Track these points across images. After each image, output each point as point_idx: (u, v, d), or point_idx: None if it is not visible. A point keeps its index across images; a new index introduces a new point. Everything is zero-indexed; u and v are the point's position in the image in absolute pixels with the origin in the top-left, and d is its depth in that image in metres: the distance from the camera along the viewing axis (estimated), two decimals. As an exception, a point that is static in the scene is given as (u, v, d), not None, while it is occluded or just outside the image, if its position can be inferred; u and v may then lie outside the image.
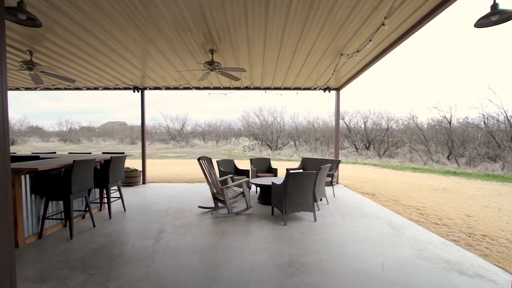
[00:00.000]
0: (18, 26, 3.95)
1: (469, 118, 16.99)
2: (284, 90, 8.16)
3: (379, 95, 41.03)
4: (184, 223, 4.37)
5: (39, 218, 3.76)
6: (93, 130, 41.14)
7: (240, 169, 6.95)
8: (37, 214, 3.75)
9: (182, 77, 7.07)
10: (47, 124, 42.32)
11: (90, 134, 39.01)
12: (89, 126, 41.42)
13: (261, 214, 4.92)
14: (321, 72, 6.52)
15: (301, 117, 35.51)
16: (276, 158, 20.10)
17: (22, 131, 35.97)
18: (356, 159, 19.58)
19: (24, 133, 36.04)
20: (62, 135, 37.22)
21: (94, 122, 45.04)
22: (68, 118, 51.32)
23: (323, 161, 6.86)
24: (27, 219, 3.58)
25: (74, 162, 3.64)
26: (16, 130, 34.78)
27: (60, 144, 34.76)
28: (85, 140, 37.53)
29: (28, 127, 37.66)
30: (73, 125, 39.05)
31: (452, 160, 16.24)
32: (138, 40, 4.58)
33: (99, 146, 33.56)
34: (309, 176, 4.32)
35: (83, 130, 39.73)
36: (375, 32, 4.08)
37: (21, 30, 4.19)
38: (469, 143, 16.19)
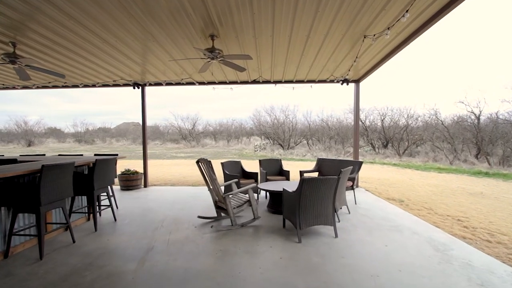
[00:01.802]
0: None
1: (501, 113, 15.52)
2: (297, 83, 7.35)
3: (398, 90, 39.01)
4: (179, 238, 3.68)
5: (5, 234, 3.16)
6: (109, 131, 41.60)
7: (247, 172, 6.22)
8: (3, 229, 3.15)
9: (183, 71, 6.42)
10: (65, 126, 43.14)
11: (105, 134, 39.41)
12: (104, 127, 41.91)
13: (270, 226, 4.17)
14: (339, 61, 5.68)
15: (314, 114, 34.34)
16: (288, 157, 19.26)
17: (40, 132, 36.75)
18: (373, 158, 18.45)
19: (42, 134, 36.85)
20: (78, 136, 37.76)
21: (110, 123, 45.66)
22: (84, 119, 52.34)
23: (342, 163, 6.02)
24: (-12, 236, 2.99)
25: (42, 167, 3.02)
26: (35, 131, 35.65)
27: (75, 144, 35.25)
28: (99, 140, 37.92)
29: (47, 128, 38.49)
30: (88, 126, 39.57)
31: (482, 159, 14.87)
32: (129, 27, 4.00)
33: (112, 146, 33.77)
34: (328, 183, 3.53)
35: (99, 131, 40.23)
36: (412, 2, 3.24)
37: (3, 20, 3.71)
38: (500, 141, 14.76)
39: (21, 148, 30.63)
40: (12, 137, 34.57)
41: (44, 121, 38.26)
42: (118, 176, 7.34)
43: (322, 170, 6.38)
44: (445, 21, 3.90)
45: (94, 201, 4.00)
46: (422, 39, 4.96)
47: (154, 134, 35.94)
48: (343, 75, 6.61)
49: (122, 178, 7.26)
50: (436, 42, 41.65)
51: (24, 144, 33.48)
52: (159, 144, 33.26)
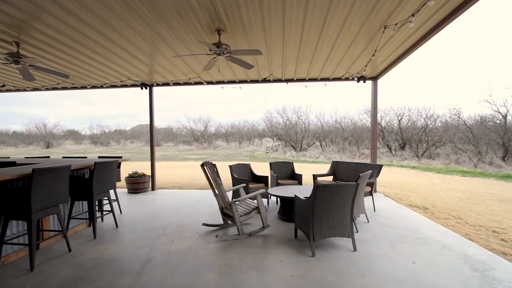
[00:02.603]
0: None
1: (530, 113, 14.45)
2: (310, 81, 6.95)
3: (415, 89, 37.39)
4: (180, 249, 3.38)
5: (-3, 243, 2.97)
6: (124, 133, 42.40)
7: (257, 176, 5.88)
8: (-6, 237, 2.96)
9: (191, 70, 6.17)
10: (82, 128, 44.28)
11: (120, 136, 40.16)
12: (119, 129, 42.77)
13: (281, 236, 3.80)
14: (355, 56, 5.26)
15: (327, 115, 33.60)
16: (301, 159, 18.77)
17: (58, 134, 37.88)
18: (390, 160, 17.68)
19: (61, 136, 37.98)
20: (94, 138, 38.64)
21: (125, 125, 46.51)
22: (100, 122, 53.70)
23: (359, 166, 5.57)
24: (-23, 244, 2.79)
25: (33, 172, 2.80)
26: (54, 133, 36.83)
27: (90, 146, 36.08)
28: (114, 142, 38.65)
29: (65, 130, 39.65)
30: (104, 128, 40.44)
31: (510, 161, 13.88)
32: (132, 23, 3.82)
33: (126, 148, 34.34)
34: (346, 189, 3.13)
35: (115, 133, 41.06)
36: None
37: (6, 19, 3.59)
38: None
39: (40, 150, 31.62)
40: (32, 139, 35.77)
41: (62, 123, 39.46)
42: (125, 179, 7.18)
43: (337, 173, 5.95)
44: (468, 13, 3.46)
45: (93, 207, 3.77)
46: (443, 34, 4.50)
47: (167, 136, 36.27)
48: (359, 71, 6.16)
49: (129, 181, 7.09)
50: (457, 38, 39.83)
51: (43, 145, 34.57)
52: (171, 146, 33.51)
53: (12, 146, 34.08)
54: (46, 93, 48.48)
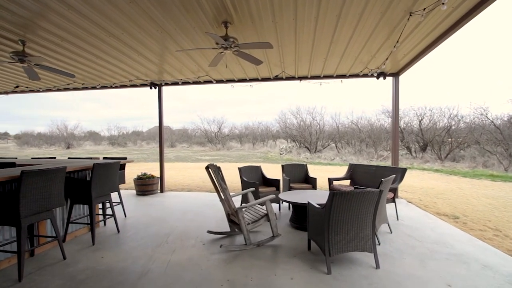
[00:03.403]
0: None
1: None
2: (325, 79, 6.53)
3: (437, 88, 35.60)
4: (181, 260, 3.09)
5: (-14, 249, 2.79)
6: (140, 134, 43.27)
7: (268, 179, 5.52)
8: (-16, 243, 2.78)
9: (200, 68, 5.92)
10: (101, 129, 45.59)
11: (136, 138, 41.00)
12: (136, 131, 43.69)
13: (292, 247, 3.43)
14: (375, 49, 4.81)
15: (343, 116, 32.68)
16: (316, 162, 18.21)
17: (79, 135, 39.14)
18: (411, 163, 16.79)
19: (81, 137, 39.24)
20: (112, 139, 39.61)
21: (141, 127, 47.47)
22: (119, 123, 55.14)
23: (379, 170, 5.09)
24: (-36, 252, 2.61)
25: (22, 174, 2.59)
26: (75, 135, 38.13)
27: (108, 147, 36.96)
28: (131, 143, 39.44)
29: (86, 132, 40.96)
30: (122, 130, 41.41)
31: (545, 165, 12.74)
32: (136, 18, 3.59)
33: (142, 148, 34.96)
34: (367, 197, 2.72)
35: (132, 135, 41.97)
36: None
37: (11, 18, 3.51)
38: None
39: (61, 150, 32.72)
40: (55, 140, 37.09)
41: (82, 125, 40.80)
42: (134, 181, 7.03)
43: (355, 177, 5.49)
44: (495, 6, 2.98)
45: (92, 211, 3.55)
46: (469, 27, 4.01)
47: (182, 137, 36.59)
48: (379, 67, 5.67)
49: (137, 182, 6.93)
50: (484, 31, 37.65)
51: (64, 146, 35.78)
52: (186, 147, 33.74)
53: (36, 147, 35.46)
54: (68, 97, 49.79)
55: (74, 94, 68.56)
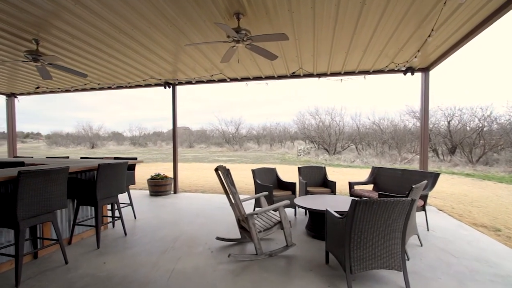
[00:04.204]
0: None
1: None
2: (346, 75, 6.10)
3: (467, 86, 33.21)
4: (186, 269, 2.84)
5: (-14, 251, 2.69)
6: (161, 135, 44.30)
7: (283, 182, 5.19)
8: (-16, 245, 2.69)
9: (213, 66, 5.72)
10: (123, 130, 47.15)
11: (157, 138, 41.98)
12: (156, 131, 44.77)
13: (308, 259, 3.09)
14: (403, 41, 4.36)
15: (364, 117, 31.43)
16: (335, 163, 17.56)
17: (103, 136, 40.71)
18: (438, 166, 15.73)
19: (105, 137, 40.79)
20: (133, 140, 40.80)
21: (161, 128, 48.58)
22: (140, 124, 56.87)
23: (407, 174, 4.61)
24: (-37, 253, 2.52)
25: (19, 174, 2.46)
26: (100, 135, 39.73)
27: (130, 147, 38.07)
28: (151, 143, 40.40)
29: (110, 132, 42.55)
30: (143, 130, 42.59)
31: None
32: (143, 11, 3.43)
33: (162, 149, 35.68)
34: (396, 207, 2.34)
35: (153, 135, 43.06)
36: None
37: (26, 17, 3.50)
38: None
39: (86, 150, 34.09)
40: (81, 140, 38.73)
41: (105, 125, 42.43)
42: (147, 181, 6.95)
43: (378, 182, 5.03)
44: None
45: (97, 213, 3.40)
46: (506, 19, 3.48)
47: (200, 138, 36.97)
48: (408, 61, 5.17)
49: (151, 183, 6.84)
50: (517, 30, 34.76)
51: (89, 146, 37.28)
52: (204, 148, 34.02)
53: (63, 146, 37.20)
54: (93, 99, 51.63)
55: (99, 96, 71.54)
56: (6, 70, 5.95)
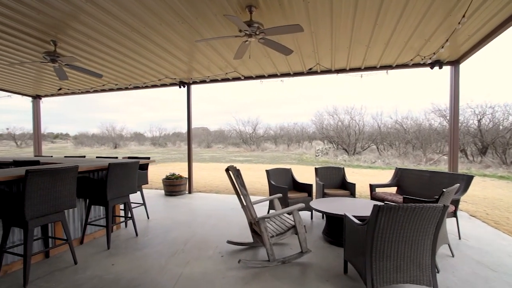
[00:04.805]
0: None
1: None
2: (366, 71, 5.75)
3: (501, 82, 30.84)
4: (194, 274, 2.71)
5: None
6: (180, 135, 45.20)
7: (299, 183, 4.96)
8: (-5, 244, 2.69)
9: (228, 64, 5.59)
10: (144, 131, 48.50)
11: (176, 138, 42.87)
12: (176, 132, 45.74)
13: (325, 268, 2.85)
14: (430, 31, 4.01)
15: (385, 115, 30.14)
16: (354, 164, 16.95)
17: (125, 136, 42.14)
18: (468, 168, 14.74)
19: (127, 138, 42.20)
20: (154, 140, 41.87)
21: (181, 128, 49.64)
22: (160, 125, 58.45)
23: (436, 177, 4.23)
24: (-25, 252, 2.53)
25: (26, 173, 2.43)
26: (122, 136, 41.21)
27: (150, 147, 39.10)
28: (171, 144, 41.29)
29: (132, 133, 43.98)
30: (163, 131, 43.65)
31: None
32: (153, 7, 3.36)
33: (180, 149, 36.31)
34: (426, 214, 2.06)
35: (173, 135, 44.05)
36: None
37: (44, 19, 3.56)
38: None
39: (109, 150, 35.37)
40: (104, 140, 40.30)
41: (128, 126, 43.93)
42: (162, 181, 6.96)
43: (403, 185, 4.67)
44: None
45: (108, 213, 3.36)
46: None
47: (217, 138, 37.29)
48: (435, 52, 4.76)
49: (166, 183, 6.84)
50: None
51: (112, 146, 38.69)
52: (221, 148, 34.25)
53: (89, 146, 38.85)
54: (117, 101, 53.29)
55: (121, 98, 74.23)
56: (32, 73, 6.16)
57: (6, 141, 36.66)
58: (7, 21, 3.60)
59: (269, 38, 3.56)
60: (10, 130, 35.70)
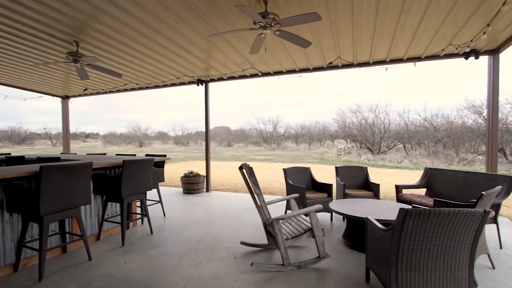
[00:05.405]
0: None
1: None
2: (391, 63, 5.37)
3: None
4: (204, 276, 2.60)
5: (16, 244, 2.76)
6: (202, 134, 45.98)
7: (318, 183, 4.72)
8: (15, 239, 2.76)
9: (244, 61, 5.47)
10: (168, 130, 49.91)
11: (198, 137, 43.71)
12: (198, 131, 46.65)
13: (344, 275, 2.63)
14: (465, 17, 3.63)
15: (413, 113, 28.51)
16: (379, 164, 16.21)
17: (150, 136, 43.63)
18: (507, 169, 13.56)
19: (152, 137, 43.69)
20: (176, 139, 42.96)
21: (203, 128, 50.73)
22: (183, 124, 59.95)
23: (472, 178, 3.81)
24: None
25: (41, 169, 2.45)
26: (148, 135, 42.75)
27: (173, 146, 40.14)
28: (193, 142, 42.14)
29: (156, 132, 45.46)
30: (185, 130, 44.69)
31: None
32: (169, 4, 3.33)
33: (202, 147, 36.91)
34: (462, 220, 1.79)
35: (195, 135, 45.00)
36: None
37: (67, 20, 3.68)
38: None
39: (134, 148, 36.76)
40: (131, 139, 41.98)
41: (152, 126, 45.48)
42: (181, 179, 6.99)
43: (433, 186, 4.28)
44: None
45: (123, 210, 3.36)
46: None
47: (238, 137, 37.49)
48: (473, 40, 4.30)
49: (184, 180, 6.87)
50: None
51: (137, 145, 40.21)
52: (242, 147, 34.39)
53: (116, 145, 40.66)
54: (143, 102, 55.06)
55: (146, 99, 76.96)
56: (61, 74, 6.43)
57: (43, 140, 39.36)
58: (33, 23, 3.74)
59: (285, 30, 3.37)
60: (46, 130, 38.26)
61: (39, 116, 62.55)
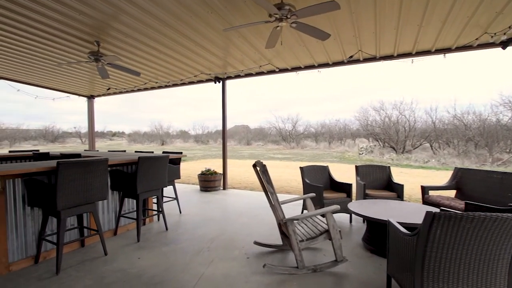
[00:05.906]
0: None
1: None
2: (417, 56, 5.02)
3: None
4: (215, 276, 2.54)
5: (37, 237, 2.85)
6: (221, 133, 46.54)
7: (337, 182, 4.52)
8: (36, 232, 2.85)
9: (261, 57, 5.37)
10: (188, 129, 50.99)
11: (218, 136, 44.20)
12: (218, 130, 47.20)
13: (363, 281, 2.46)
14: (502, 2, 3.26)
15: (441, 109, 26.90)
16: (403, 164, 15.47)
17: (172, 134, 44.81)
18: (549, 170, 12.36)
19: (173, 135, 44.86)
20: (197, 137, 43.77)
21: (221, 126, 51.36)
22: (203, 123, 61.05)
23: (508, 179, 3.46)
24: (16, 238, 2.70)
25: (58, 165, 2.50)
26: (169, 133, 43.96)
27: (193, 144, 40.93)
28: (212, 141, 42.73)
29: (178, 131, 46.62)
30: (205, 129, 45.43)
31: None
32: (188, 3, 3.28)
33: (220, 146, 37.18)
34: (501, 227, 1.57)
35: (215, 133, 45.64)
36: None
37: (88, 21, 3.78)
38: None
39: (157, 146, 37.88)
40: (153, 138, 43.32)
41: (173, 125, 46.70)
42: (198, 176, 7.04)
43: (464, 188, 3.94)
44: None
45: (138, 206, 3.39)
46: None
47: (257, 136, 37.49)
48: (511, 26, 3.91)
49: (201, 178, 6.90)
50: None
51: (160, 143, 41.42)
52: (261, 145, 34.33)
53: (140, 143, 42.11)
54: (164, 102, 56.21)
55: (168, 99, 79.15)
56: (86, 74, 6.68)
57: (74, 138, 41.63)
58: (57, 24, 3.85)
59: (302, 21, 3.22)
60: (76, 129, 40.39)
61: (69, 116, 66.33)
